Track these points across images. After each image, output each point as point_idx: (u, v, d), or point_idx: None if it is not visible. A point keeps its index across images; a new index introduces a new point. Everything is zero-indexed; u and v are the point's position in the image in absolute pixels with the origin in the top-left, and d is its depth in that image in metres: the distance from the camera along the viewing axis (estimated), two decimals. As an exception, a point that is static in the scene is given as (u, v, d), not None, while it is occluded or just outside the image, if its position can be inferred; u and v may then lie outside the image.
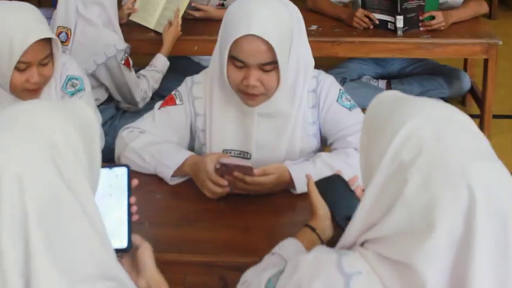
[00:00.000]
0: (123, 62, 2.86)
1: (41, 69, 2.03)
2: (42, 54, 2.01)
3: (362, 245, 1.11)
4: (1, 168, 0.96)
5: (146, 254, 1.29)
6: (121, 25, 3.23)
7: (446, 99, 3.91)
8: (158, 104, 2.04)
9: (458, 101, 3.99)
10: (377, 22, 3.33)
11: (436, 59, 3.82)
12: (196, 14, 3.39)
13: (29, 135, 1.02)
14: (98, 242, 1.01)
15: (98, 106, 2.92)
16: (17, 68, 1.98)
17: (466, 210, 0.96)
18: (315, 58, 2.37)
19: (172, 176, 1.89)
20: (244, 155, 1.97)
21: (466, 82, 3.76)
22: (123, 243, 1.30)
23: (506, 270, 0.97)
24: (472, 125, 1.09)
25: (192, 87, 2.01)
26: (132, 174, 1.37)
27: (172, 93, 2.04)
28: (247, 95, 1.85)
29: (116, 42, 2.84)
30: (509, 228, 0.97)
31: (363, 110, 3.93)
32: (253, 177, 1.76)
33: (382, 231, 1.05)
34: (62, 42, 2.79)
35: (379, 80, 3.93)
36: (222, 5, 3.45)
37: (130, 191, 1.36)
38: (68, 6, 2.80)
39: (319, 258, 1.13)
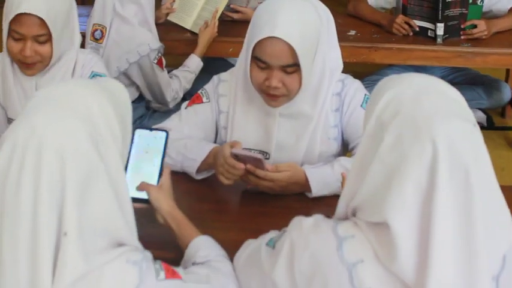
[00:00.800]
0: (156, 61, 2.87)
1: (36, 45, 2.03)
2: (36, 30, 2.00)
3: (355, 216, 1.20)
4: (42, 142, 1.05)
5: (160, 192, 1.52)
6: (158, 25, 3.27)
7: (485, 110, 3.82)
8: (185, 103, 2.07)
9: (498, 112, 3.90)
10: (417, 29, 3.27)
11: (478, 68, 3.73)
12: (235, 15, 3.38)
13: (67, 112, 1.11)
14: (119, 214, 1.13)
15: (128, 105, 2.98)
16: (12, 36, 2.03)
17: (430, 163, 1.05)
18: (352, 64, 2.34)
19: (198, 171, 1.90)
20: (264, 155, 1.95)
21: (506, 93, 3.66)
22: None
23: (467, 218, 1.05)
24: (454, 94, 1.16)
25: (218, 85, 2.04)
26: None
27: (199, 91, 2.06)
28: (269, 96, 1.85)
29: (150, 41, 2.85)
30: (470, 180, 1.04)
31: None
32: (266, 171, 1.76)
33: (362, 194, 1.15)
34: (96, 39, 2.84)
35: (418, 89, 3.87)
36: (262, 7, 3.43)
37: (165, 153, 1.57)
38: (105, 4, 2.83)
39: (317, 222, 1.22)
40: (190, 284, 1.26)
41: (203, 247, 1.47)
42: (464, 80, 3.79)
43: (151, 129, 1.62)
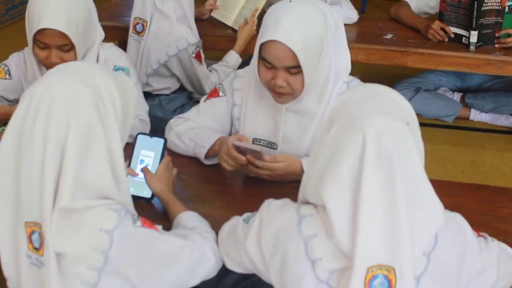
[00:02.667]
0: (194, 55, 3.02)
1: (61, 53, 2.14)
2: (60, 41, 2.10)
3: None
4: (53, 98, 1.32)
5: (153, 177, 1.78)
6: (204, 20, 3.45)
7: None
8: (204, 97, 2.24)
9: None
10: (452, 35, 3.32)
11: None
12: (276, 15, 3.51)
13: (76, 80, 1.38)
14: (110, 176, 1.37)
15: (169, 94, 3.16)
16: (37, 45, 2.14)
17: (360, 151, 1.25)
18: (384, 66, 2.39)
19: (206, 156, 2.07)
20: (272, 145, 2.12)
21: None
22: (148, 193, 1.82)
23: (391, 197, 1.23)
24: (400, 100, 1.36)
25: (234, 79, 2.19)
26: (169, 153, 1.88)
27: (217, 86, 2.23)
28: (276, 93, 1.98)
29: (188, 36, 2.99)
30: (393, 166, 1.23)
31: (434, 120, 3.94)
32: (264, 162, 1.90)
33: (310, 182, 1.36)
34: (138, 32, 3.01)
35: (455, 93, 3.92)
36: (303, 7, 3.54)
37: (163, 157, 1.82)
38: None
39: (284, 203, 1.44)
40: (166, 235, 1.47)
41: (190, 220, 1.67)
42: (502, 87, 3.82)
43: (151, 136, 1.85)
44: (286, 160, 1.94)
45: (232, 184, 2.04)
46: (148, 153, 1.85)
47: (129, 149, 1.79)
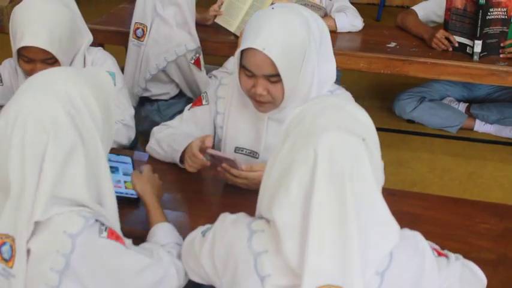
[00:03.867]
0: (192, 61, 3.03)
1: (45, 65, 2.14)
2: (43, 55, 2.12)
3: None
4: (27, 119, 1.32)
5: (139, 178, 1.79)
6: (206, 26, 3.45)
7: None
8: (189, 105, 2.24)
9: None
10: (456, 45, 3.26)
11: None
12: (279, 22, 3.50)
13: (48, 93, 1.37)
14: (86, 191, 1.38)
15: (167, 100, 3.17)
16: (21, 58, 2.15)
17: (311, 167, 1.21)
18: (387, 75, 2.28)
19: (181, 160, 2.06)
20: (254, 154, 2.11)
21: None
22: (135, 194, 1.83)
23: (341, 214, 1.20)
24: (359, 114, 1.32)
25: (218, 87, 2.19)
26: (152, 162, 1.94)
27: (201, 94, 2.22)
28: (257, 102, 1.97)
29: (187, 42, 3.00)
30: (344, 183, 1.20)
31: (438, 130, 3.89)
32: (240, 171, 1.89)
33: (263, 196, 1.35)
34: (138, 37, 3.03)
35: (460, 103, 3.86)
36: (308, 15, 3.52)
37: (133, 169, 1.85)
38: (146, 4, 2.99)
39: (238, 218, 1.43)
40: (131, 251, 1.46)
41: (165, 235, 1.68)
42: (509, 98, 3.76)
43: (118, 154, 1.86)
44: (263, 169, 1.90)
45: (210, 192, 2.04)
46: (118, 171, 1.87)
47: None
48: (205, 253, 1.44)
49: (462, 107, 3.85)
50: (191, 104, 2.24)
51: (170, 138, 2.13)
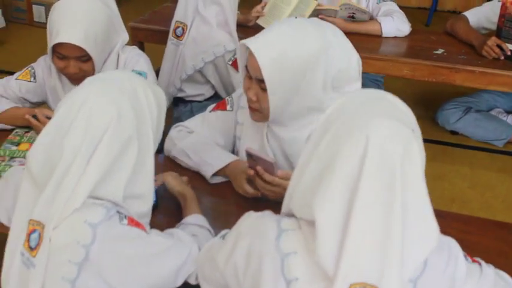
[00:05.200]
0: (230, 62, 2.95)
1: (79, 63, 2.13)
2: (78, 53, 2.10)
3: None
4: (93, 104, 1.36)
5: (173, 178, 1.83)
6: (248, 27, 3.39)
7: None
8: (211, 106, 2.14)
9: None
10: (508, 53, 3.11)
11: None
12: (324, 25, 3.40)
13: (115, 85, 1.42)
14: (126, 181, 1.39)
15: (201, 101, 3.11)
16: (56, 55, 2.13)
17: (360, 157, 1.10)
18: (434, 83, 2.06)
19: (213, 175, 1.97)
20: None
21: None
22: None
23: (387, 214, 1.09)
24: (401, 105, 1.22)
25: (241, 96, 2.08)
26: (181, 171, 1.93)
27: (226, 98, 2.12)
28: (249, 107, 1.88)
29: (226, 43, 2.93)
30: (395, 181, 1.09)
31: (482, 143, 3.72)
32: (274, 177, 1.76)
33: (298, 194, 1.22)
34: (177, 36, 2.98)
35: (509, 115, 3.68)
36: (352, 17, 3.42)
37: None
38: (188, 2, 2.95)
39: (264, 215, 1.32)
40: (151, 235, 1.44)
41: (191, 217, 1.69)
42: None
43: None
44: None
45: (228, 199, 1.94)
46: None
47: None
48: (225, 254, 1.34)
49: (511, 119, 3.67)
50: (213, 105, 2.15)
51: (199, 148, 2.03)
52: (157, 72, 2.49)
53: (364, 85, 3.41)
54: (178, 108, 3.13)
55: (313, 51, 1.72)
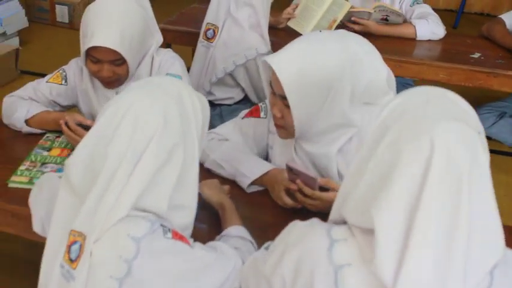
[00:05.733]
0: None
1: (113, 67, 2.07)
2: (112, 56, 2.03)
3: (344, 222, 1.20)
4: (140, 109, 1.30)
5: (211, 188, 1.76)
6: (278, 29, 3.32)
7: None
8: (243, 112, 2.08)
9: None
10: (547, 58, 3.02)
11: None
12: (356, 27, 3.31)
13: (162, 90, 1.36)
14: (170, 192, 1.33)
15: (231, 105, 3.04)
16: (89, 58, 2.07)
17: (425, 161, 1.02)
18: (467, 88, 1.97)
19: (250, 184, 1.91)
20: None
21: None
22: None
23: (452, 224, 1.02)
24: (464, 105, 1.14)
25: None
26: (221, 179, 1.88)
27: (260, 104, 2.06)
28: (274, 124, 1.84)
29: (258, 46, 2.86)
30: (461, 186, 1.01)
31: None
32: (313, 191, 1.71)
33: (353, 199, 1.14)
34: (208, 38, 2.91)
35: (545, 121, 3.58)
36: (386, 19, 3.34)
37: None
38: (220, 4, 2.88)
39: (313, 223, 1.23)
40: (196, 249, 1.38)
41: (233, 229, 1.61)
42: None
43: None
44: (337, 188, 1.71)
45: (266, 208, 1.87)
46: None
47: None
48: (271, 266, 1.26)
49: (547, 125, 3.58)
50: (246, 111, 2.08)
51: (233, 159, 1.96)
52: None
53: (395, 89, 3.36)
54: (208, 112, 3.07)
55: (336, 65, 1.66)
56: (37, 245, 1.51)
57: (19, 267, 2.57)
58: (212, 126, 2.89)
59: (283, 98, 1.70)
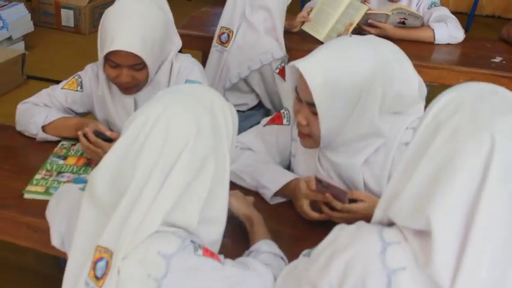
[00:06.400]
0: (277, 71, 2.81)
1: (132, 72, 1.99)
2: (132, 61, 1.96)
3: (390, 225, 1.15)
4: (171, 119, 1.22)
5: (238, 200, 1.67)
6: (292, 33, 3.24)
7: None
8: (265, 120, 2.01)
9: None
10: None
11: None
12: (372, 30, 3.23)
13: (193, 100, 1.28)
14: (201, 205, 1.25)
15: (245, 111, 2.96)
16: (108, 63, 1.99)
17: (485, 158, 0.98)
18: None
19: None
20: None
21: None
22: None
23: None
24: None
25: None
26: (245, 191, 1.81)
27: (282, 111, 1.98)
28: (298, 133, 1.76)
29: (273, 51, 2.79)
30: None
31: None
32: (343, 205, 1.64)
33: (403, 199, 1.08)
34: (222, 43, 2.84)
35: None
36: (403, 23, 3.26)
37: None
38: (235, 7, 2.81)
39: (361, 226, 1.17)
40: (226, 266, 1.31)
41: (263, 244, 1.54)
42: None
43: None
44: (367, 200, 1.65)
45: (290, 221, 1.79)
46: None
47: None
48: (317, 271, 1.18)
49: None
50: (268, 119, 2.01)
51: (254, 170, 1.89)
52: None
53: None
54: (221, 118, 2.98)
55: (368, 73, 1.59)
56: (45, 258, 1.43)
57: (27, 279, 2.49)
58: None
59: (311, 104, 1.62)
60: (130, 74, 2.00)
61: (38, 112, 2.11)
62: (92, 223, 1.28)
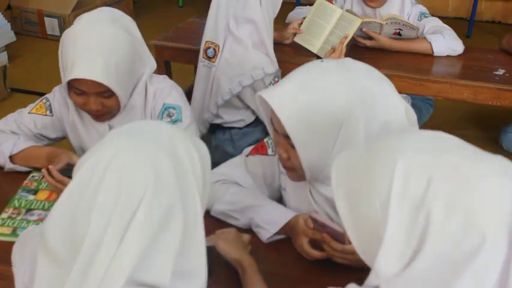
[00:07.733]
0: (271, 86, 2.64)
1: (101, 99, 1.83)
2: (97, 88, 1.79)
3: None
4: (125, 165, 1.05)
5: (226, 243, 1.52)
6: (284, 45, 3.09)
7: None
8: (247, 150, 1.86)
9: None
10: None
11: None
12: (368, 42, 3.08)
13: (152, 143, 1.11)
14: (174, 260, 1.06)
15: (242, 128, 2.79)
16: (73, 91, 1.83)
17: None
18: (494, 107, 1.83)
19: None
20: None
21: None
22: None
23: None
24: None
25: None
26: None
27: (265, 140, 1.84)
28: (283, 166, 1.64)
29: (264, 66, 2.61)
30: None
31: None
32: (343, 245, 1.51)
33: (412, 274, 1.00)
34: (209, 58, 2.66)
35: None
36: (399, 34, 3.10)
37: None
38: (217, 21, 2.63)
39: None
40: None
41: None
42: None
43: None
44: None
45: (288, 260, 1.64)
46: None
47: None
48: None
49: None
50: (250, 148, 1.86)
51: (243, 206, 1.73)
52: (186, 92, 2.17)
53: (415, 105, 3.12)
54: (217, 136, 2.80)
55: (343, 102, 1.45)
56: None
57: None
58: (224, 151, 2.66)
59: (287, 137, 1.50)
60: (98, 101, 1.82)
61: (4, 140, 1.94)
62: (50, 279, 1.10)
